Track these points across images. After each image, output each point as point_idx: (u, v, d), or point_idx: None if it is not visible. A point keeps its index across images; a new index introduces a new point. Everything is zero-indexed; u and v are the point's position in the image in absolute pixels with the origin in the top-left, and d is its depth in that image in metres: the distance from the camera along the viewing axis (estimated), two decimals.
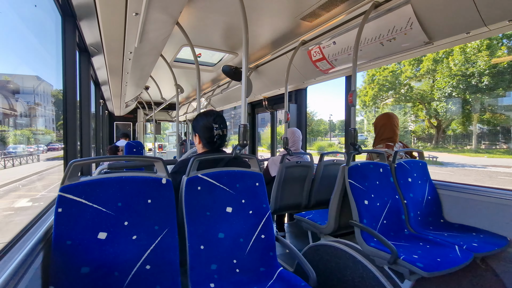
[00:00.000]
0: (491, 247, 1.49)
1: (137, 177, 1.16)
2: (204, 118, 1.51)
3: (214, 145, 1.51)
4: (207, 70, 3.50)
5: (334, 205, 1.84)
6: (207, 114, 1.52)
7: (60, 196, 1.01)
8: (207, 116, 1.51)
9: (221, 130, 1.49)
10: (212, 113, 1.52)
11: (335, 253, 1.67)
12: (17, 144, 7.07)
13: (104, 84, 4.02)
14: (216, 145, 1.52)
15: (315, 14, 1.93)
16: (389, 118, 2.25)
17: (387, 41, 1.83)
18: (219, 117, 1.52)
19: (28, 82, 7.40)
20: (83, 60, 2.51)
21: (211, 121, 1.48)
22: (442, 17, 1.55)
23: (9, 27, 10.57)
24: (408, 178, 1.98)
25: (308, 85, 3.16)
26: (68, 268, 0.98)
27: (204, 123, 1.50)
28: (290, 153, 2.53)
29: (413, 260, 1.31)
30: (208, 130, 1.49)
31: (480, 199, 1.78)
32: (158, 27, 1.67)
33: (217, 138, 1.49)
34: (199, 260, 1.20)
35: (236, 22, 2.12)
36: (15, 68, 11.08)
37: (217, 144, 1.52)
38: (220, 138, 1.51)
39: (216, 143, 1.51)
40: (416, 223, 1.86)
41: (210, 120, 1.49)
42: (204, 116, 1.52)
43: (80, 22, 1.90)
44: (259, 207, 1.41)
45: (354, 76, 1.81)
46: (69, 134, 1.88)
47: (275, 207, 2.49)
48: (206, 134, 1.49)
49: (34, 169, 7.03)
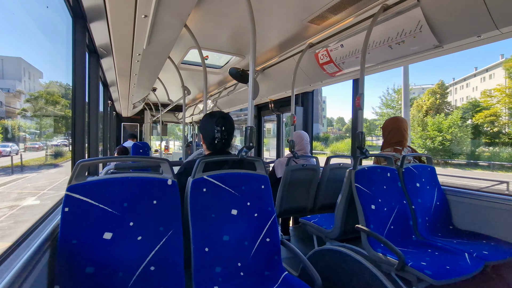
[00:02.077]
0: (503, 255, 1.45)
1: (143, 178, 1.16)
2: (208, 119, 1.48)
3: (215, 147, 1.48)
4: (214, 72, 3.52)
5: (340, 209, 1.82)
6: (211, 115, 1.49)
7: (67, 196, 1.02)
8: (210, 117, 1.48)
9: (222, 133, 1.44)
10: (215, 114, 1.48)
11: (341, 258, 1.64)
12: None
13: (112, 85, 4.08)
14: (217, 148, 1.48)
15: (323, 17, 1.92)
16: (398, 122, 2.22)
17: (396, 44, 1.81)
18: (222, 118, 1.46)
19: (9, 65, 6.25)
20: (92, 62, 2.55)
21: (213, 122, 1.45)
22: (452, 20, 1.53)
23: (21, 28, 10.75)
24: (416, 183, 1.94)
25: (315, 88, 3.14)
26: (73, 268, 0.98)
27: (206, 124, 1.48)
28: (296, 156, 2.51)
29: (421, 267, 1.28)
30: (209, 132, 1.46)
31: (491, 206, 1.74)
32: (167, 29, 1.68)
33: (218, 140, 1.45)
34: (204, 262, 1.19)
35: (243, 25, 2.12)
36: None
37: (218, 146, 1.47)
38: (221, 141, 1.46)
39: (217, 145, 1.47)
40: (424, 229, 1.82)
41: (213, 122, 1.45)
42: (208, 117, 1.49)
43: (90, 24, 1.93)
44: (264, 210, 1.39)
45: (362, 79, 1.79)
46: (77, 134, 1.90)
47: (280, 210, 2.47)
48: (208, 136, 1.47)
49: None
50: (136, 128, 7.68)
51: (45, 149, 7.94)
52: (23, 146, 7.32)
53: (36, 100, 8.03)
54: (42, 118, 8.08)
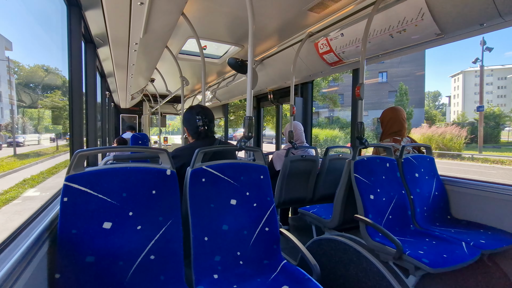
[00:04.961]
0: (499, 244, 1.46)
1: (142, 168, 1.16)
2: (188, 112, 1.68)
3: (200, 135, 1.66)
4: (213, 62, 3.48)
5: (339, 199, 1.83)
6: (191, 108, 1.70)
7: (65, 186, 1.02)
8: (190, 109, 1.69)
9: (203, 121, 1.65)
10: (194, 108, 1.69)
11: (339, 247, 1.66)
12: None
13: (109, 76, 4.03)
14: (202, 135, 1.66)
15: (323, 5, 1.89)
16: (396, 112, 2.21)
17: (397, 33, 1.78)
18: (201, 108, 1.68)
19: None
20: (89, 51, 2.51)
21: (194, 113, 1.65)
22: (455, 8, 1.50)
23: (15, 16, 10.33)
24: (415, 173, 1.95)
25: (314, 78, 3.11)
26: (73, 257, 0.99)
27: (188, 116, 1.67)
28: (295, 147, 2.51)
29: (418, 256, 1.29)
30: (192, 123, 1.65)
31: (489, 196, 1.75)
32: (163, 17, 1.65)
33: (202, 128, 1.65)
34: (203, 251, 1.20)
35: (242, 14, 2.08)
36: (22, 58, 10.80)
37: (203, 134, 1.66)
38: (203, 127, 1.65)
39: (201, 133, 1.66)
40: (423, 219, 1.84)
41: (193, 113, 1.66)
42: (188, 110, 1.70)
43: (86, 12, 1.89)
44: (263, 200, 1.40)
45: (362, 69, 1.77)
46: (75, 125, 1.89)
47: (279, 201, 2.48)
48: (191, 126, 1.66)
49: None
50: (135, 120, 7.64)
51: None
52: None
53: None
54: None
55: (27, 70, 7.44)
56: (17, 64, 7.22)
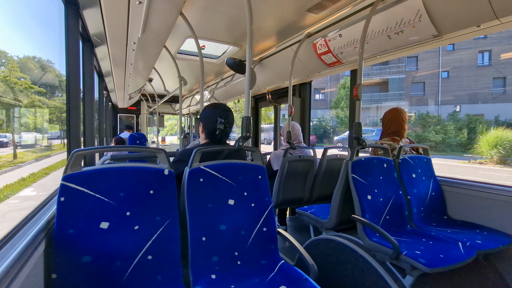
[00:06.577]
0: (494, 244, 1.48)
1: (140, 168, 1.16)
2: (211, 110, 1.53)
3: (215, 138, 1.53)
4: (211, 62, 3.47)
5: (337, 199, 1.83)
6: (215, 106, 1.54)
7: (62, 185, 1.01)
8: (214, 108, 1.53)
9: (224, 125, 1.51)
10: (219, 106, 1.54)
11: (337, 247, 1.67)
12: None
13: (107, 75, 4.01)
14: (216, 138, 1.54)
15: (321, 6, 1.89)
16: (397, 113, 2.23)
17: (395, 34, 1.79)
18: (225, 111, 1.52)
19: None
20: (87, 50, 2.50)
21: (216, 113, 1.50)
22: (452, 9, 1.51)
23: (13, 13, 10.33)
24: (412, 174, 1.96)
25: (313, 79, 3.12)
26: (70, 257, 0.98)
27: (209, 114, 1.52)
28: (293, 147, 2.51)
29: (415, 256, 1.30)
30: (212, 123, 1.51)
31: (485, 196, 1.76)
32: (162, 17, 1.64)
33: (219, 131, 1.51)
34: (201, 251, 1.20)
35: (240, 14, 2.08)
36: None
37: (218, 137, 1.53)
38: (222, 132, 1.52)
39: (217, 136, 1.52)
40: (419, 219, 1.85)
41: (216, 113, 1.51)
42: (211, 108, 1.54)
43: (83, 11, 1.88)
44: (261, 200, 1.40)
45: (360, 69, 1.78)
46: (72, 124, 1.88)
47: (277, 201, 2.49)
48: (209, 126, 1.52)
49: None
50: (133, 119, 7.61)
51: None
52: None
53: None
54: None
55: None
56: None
